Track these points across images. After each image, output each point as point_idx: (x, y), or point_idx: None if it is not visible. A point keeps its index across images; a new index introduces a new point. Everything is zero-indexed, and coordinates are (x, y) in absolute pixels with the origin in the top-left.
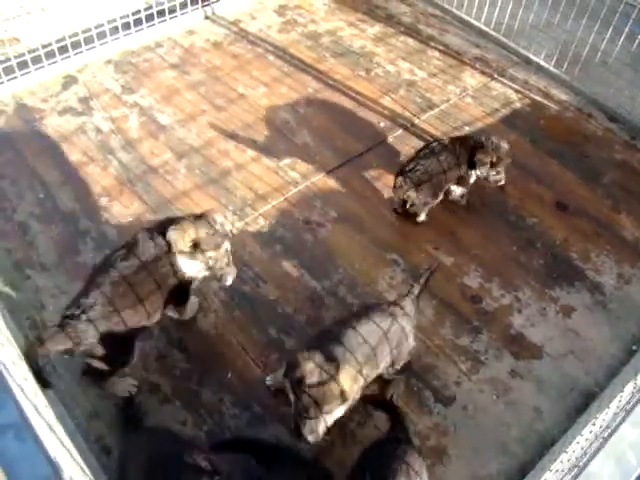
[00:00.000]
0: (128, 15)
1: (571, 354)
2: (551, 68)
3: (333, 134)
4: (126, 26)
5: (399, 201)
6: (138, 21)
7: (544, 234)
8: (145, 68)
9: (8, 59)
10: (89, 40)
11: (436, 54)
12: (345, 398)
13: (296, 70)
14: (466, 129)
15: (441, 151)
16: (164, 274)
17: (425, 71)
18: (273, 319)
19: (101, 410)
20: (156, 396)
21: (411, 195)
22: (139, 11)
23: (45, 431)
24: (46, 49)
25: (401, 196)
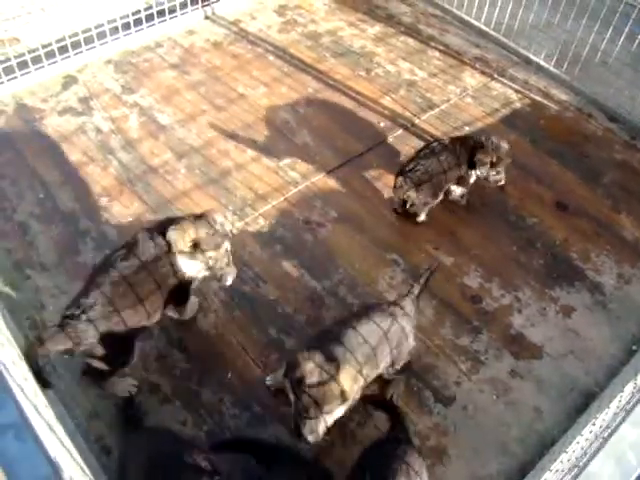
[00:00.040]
0: (128, 15)
1: (571, 354)
2: (551, 68)
3: (333, 134)
4: (126, 26)
5: (399, 201)
6: (138, 21)
7: (544, 234)
8: (145, 68)
9: (8, 59)
10: (89, 40)
11: (436, 54)
12: (345, 398)
13: (296, 70)
14: (466, 129)
15: (441, 151)
16: (164, 274)
17: (425, 71)
18: (273, 319)
19: (101, 410)
20: (156, 396)
21: (411, 195)
22: (139, 11)
23: (45, 431)
24: (46, 49)
25: (401, 196)
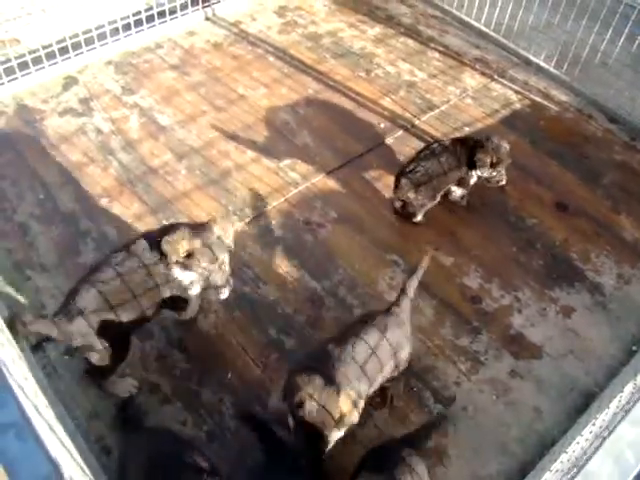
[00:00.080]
0: (128, 16)
1: (571, 354)
2: (551, 69)
3: (333, 135)
4: (126, 27)
5: (399, 202)
6: (138, 22)
7: (544, 235)
8: (145, 69)
9: (9, 60)
10: (89, 41)
11: (436, 55)
12: (345, 423)
13: (296, 71)
14: (466, 130)
15: (441, 152)
16: (160, 278)
17: (425, 72)
18: (273, 319)
19: (101, 410)
20: (156, 396)
21: (410, 196)
22: (139, 12)
23: (46, 431)
24: (46, 50)
25: (401, 197)
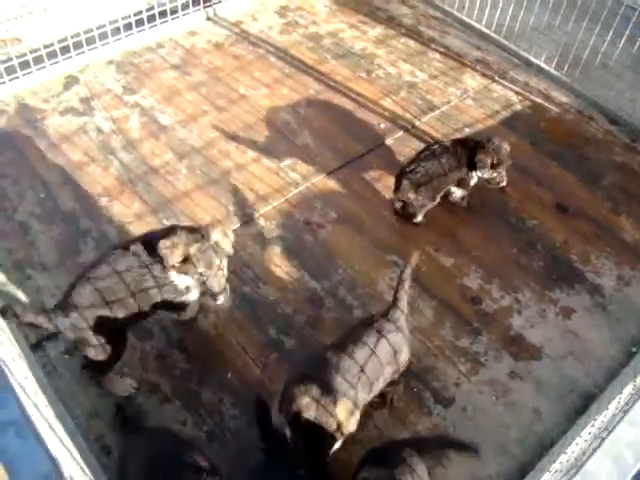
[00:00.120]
0: (130, 16)
1: (571, 355)
2: (552, 70)
3: (334, 135)
4: (128, 27)
5: (400, 202)
6: (140, 22)
7: (544, 236)
8: (146, 69)
9: (10, 59)
10: (91, 40)
11: (437, 56)
12: (342, 432)
13: (297, 71)
14: (467, 131)
15: (442, 153)
16: (156, 280)
17: (426, 73)
18: (273, 319)
19: (101, 409)
20: (156, 396)
21: (410, 196)
22: (141, 12)
23: (45, 430)
24: (48, 49)
25: (402, 197)
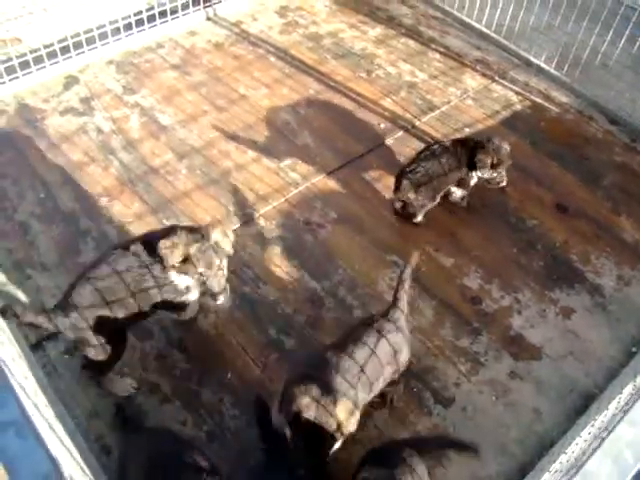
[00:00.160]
0: (130, 16)
1: (571, 355)
2: (552, 70)
3: (334, 135)
4: (128, 27)
5: (400, 202)
6: (140, 22)
7: (544, 236)
8: (146, 69)
9: (10, 59)
10: (91, 40)
11: (437, 56)
12: (342, 432)
13: (297, 71)
14: (467, 131)
15: (442, 153)
16: (156, 280)
17: (426, 73)
18: (273, 319)
19: (101, 409)
20: (156, 396)
21: (410, 196)
22: (141, 12)
23: (45, 429)
24: (48, 49)
25: (402, 197)
